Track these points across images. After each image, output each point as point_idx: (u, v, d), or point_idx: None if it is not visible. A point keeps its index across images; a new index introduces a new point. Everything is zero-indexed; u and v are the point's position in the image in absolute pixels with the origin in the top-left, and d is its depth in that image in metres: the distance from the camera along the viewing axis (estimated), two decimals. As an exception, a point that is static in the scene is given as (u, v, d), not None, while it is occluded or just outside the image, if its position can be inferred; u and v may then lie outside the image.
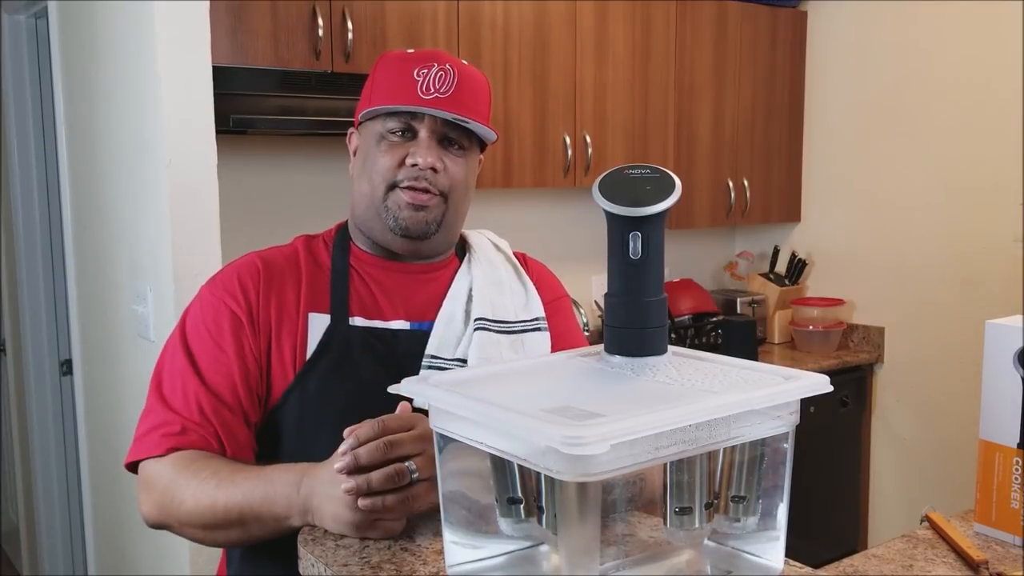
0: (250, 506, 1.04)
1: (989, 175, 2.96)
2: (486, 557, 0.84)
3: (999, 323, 1.00)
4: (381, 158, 1.23)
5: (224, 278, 1.25)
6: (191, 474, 1.10)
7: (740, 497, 0.81)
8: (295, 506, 1.01)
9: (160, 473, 1.13)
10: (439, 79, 1.20)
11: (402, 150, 1.22)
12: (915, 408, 3.24)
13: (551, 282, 1.41)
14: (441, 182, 1.23)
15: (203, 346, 1.20)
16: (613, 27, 2.90)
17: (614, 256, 0.82)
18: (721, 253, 3.80)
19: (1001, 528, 1.00)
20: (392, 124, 1.23)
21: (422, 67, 1.21)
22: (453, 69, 1.21)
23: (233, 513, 1.06)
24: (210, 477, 1.08)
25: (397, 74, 1.22)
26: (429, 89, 1.20)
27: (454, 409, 0.76)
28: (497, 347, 1.26)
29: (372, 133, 1.25)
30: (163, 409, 1.17)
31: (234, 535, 1.09)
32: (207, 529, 1.09)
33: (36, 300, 3.22)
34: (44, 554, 3.28)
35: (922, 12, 3.11)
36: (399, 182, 1.22)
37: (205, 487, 1.07)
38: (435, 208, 1.24)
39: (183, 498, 1.09)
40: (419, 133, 1.22)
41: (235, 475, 1.08)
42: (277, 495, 1.03)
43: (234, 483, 1.06)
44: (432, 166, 1.21)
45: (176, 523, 1.12)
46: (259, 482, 1.05)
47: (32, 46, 3.13)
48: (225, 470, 1.09)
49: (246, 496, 1.05)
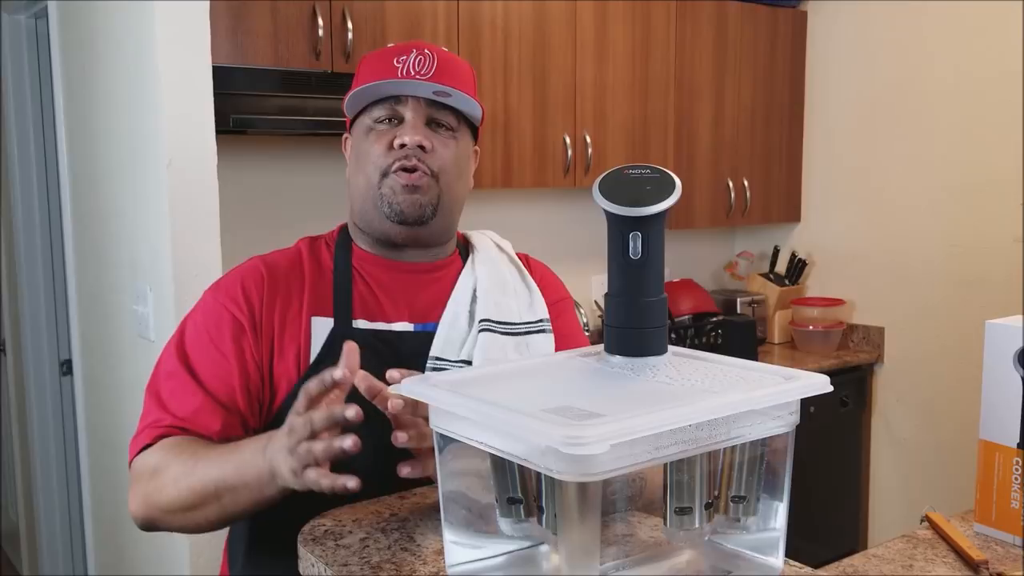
0: (224, 479, 1.04)
1: (989, 175, 2.96)
2: (486, 557, 0.84)
3: (999, 323, 1.00)
4: (371, 147, 1.24)
5: (228, 284, 1.25)
6: (173, 456, 1.10)
7: (740, 497, 0.81)
8: (263, 471, 1.00)
9: (146, 462, 1.13)
10: (418, 63, 1.22)
11: (390, 135, 1.23)
12: (915, 408, 3.24)
13: (554, 283, 1.41)
14: (431, 161, 1.23)
15: (203, 350, 1.20)
16: (613, 27, 2.90)
17: (614, 256, 0.82)
18: (721, 253, 3.80)
19: (1001, 528, 1.00)
20: (378, 113, 1.24)
21: (400, 55, 1.22)
22: (432, 53, 1.23)
23: (209, 489, 1.05)
24: (189, 457, 1.08)
25: (377, 65, 1.24)
26: (409, 72, 1.21)
27: (454, 409, 0.76)
28: (502, 349, 1.26)
29: (361, 128, 1.26)
30: (158, 409, 1.17)
31: (212, 512, 1.07)
32: (187, 511, 1.08)
33: (36, 300, 3.22)
34: (44, 554, 3.28)
35: (922, 12, 3.11)
36: (391, 166, 1.23)
37: (183, 467, 1.08)
38: (429, 190, 1.24)
39: (164, 481, 1.09)
40: (405, 116, 1.23)
41: (209, 452, 1.08)
42: (247, 463, 1.02)
43: (208, 459, 1.06)
44: (420, 144, 1.22)
45: (160, 512, 1.11)
46: (231, 455, 1.05)
47: (32, 46, 3.13)
48: (203, 449, 1.09)
49: (221, 469, 1.04)
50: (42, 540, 3.27)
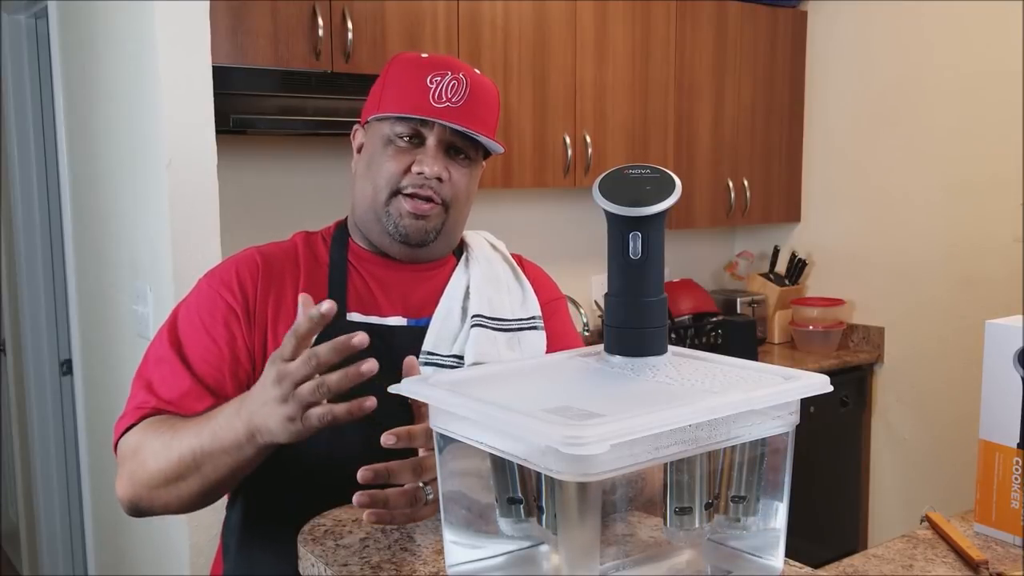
0: (201, 447, 1.04)
1: (989, 175, 2.96)
2: (486, 557, 0.84)
3: (999, 323, 1.00)
4: (387, 163, 1.23)
5: (222, 272, 1.25)
6: (153, 433, 1.10)
7: (740, 497, 0.81)
8: (240, 431, 1.00)
9: (128, 443, 1.13)
10: (451, 88, 1.21)
11: (408, 157, 1.23)
12: (915, 408, 3.24)
13: (548, 284, 1.42)
14: (445, 192, 1.24)
15: (194, 336, 1.20)
16: (613, 27, 2.90)
17: (614, 256, 0.82)
18: (721, 253, 3.80)
19: (1001, 528, 1.00)
20: (401, 129, 1.23)
21: (435, 74, 1.21)
22: (466, 79, 1.22)
23: (187, 459, 1.05)
24: (166, 430, 1.09)
25: (410, 79, 1.22)
26: (441, 97, 1.20)
27: (454, 409, 0.76)
28: (494, 344, 1.26)
29: (379, 135, 1.25)
30: (145, 392, 1.17)
31: (195, 483, 1.07)
32: (169, 484, 1.08)
33: (36, 300, 3.22)
34: (44, 554, 3.28)
35: (922, 12, 3.11)
36: (403, 188, 1.23)
37: (161, 440, 1.08)
38: (436, 217, 1.25)
39: (145, 457, 1.09)
40: (427, 140, 1.22)
41: (188, 423, 1.08)
42: (221, 427, 1.02)
43: (186, 429, 1.06)
44: (438, 176, 1.22)
45: (144, 489, 1.10)
46: (207, 422, 1.04)
47: (32, 46, 3.13)
48: (180, 422, 1.09)
49: (197, 437, 1.04)
50: (42, 540, 3.27)
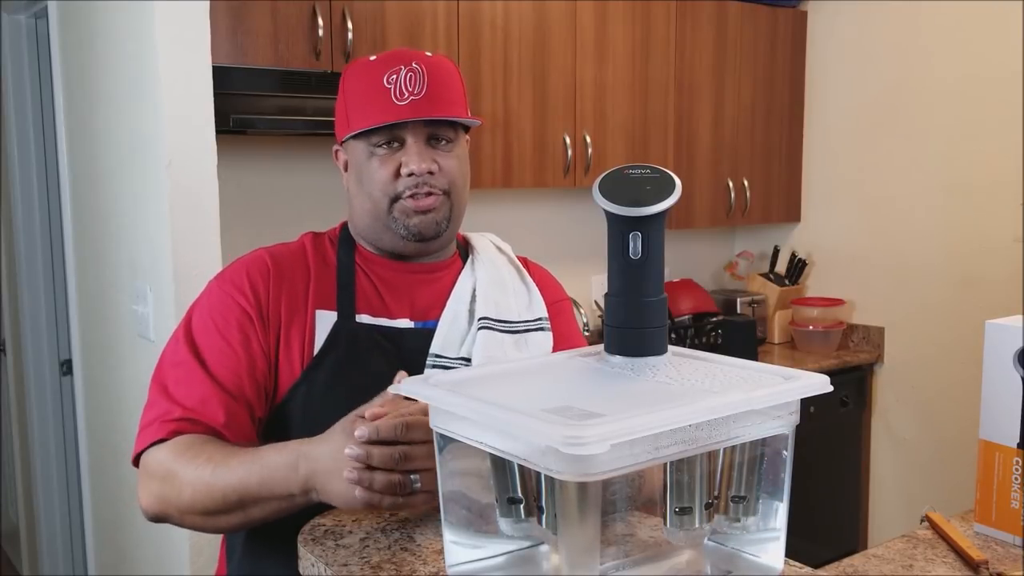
0: (247, 490, 1.04)
1: (989, 175, 2.96)
2: (486, 557, 0.84)
3: (999, 323, 1.00)
4: (376, 173, 1.23)
5: (233, 274, 1.25)
6: (187, 460, 1.09)
7: (740, 497, 0.81)
8: (295, 486, 1.02)
9: (159, 461, 1.12)
10: (410, 80, 1.20)
11: (394, 161, 1.22)
12: (915, 408, 3.24)
13: (553, 285, 1.42)
14: (440, 181, 1.23)
15: (209, 339, 1.20)
16: (613, 27, 2.90)
17: (614, 256, 0.82)
18: (721, 253, 3.80)
19: (1001, 528, 1.00)
20: (376, 139, 1.22)
21: (390, 72, 1.20)
22: (421, 67, 1.20)
23: (232, 499, 1.06)
24: (206, 463, 1.08)
25: (367, 86, 1.21)
26: (403, 94, 1.19)
27: (454, 409, 0.76)
28: (501, 346, 1.26)
29: (360, 151, 1.25)
30: (165, 400, 1.17)
31: (236, 519, 1.08)
32: (208, 515, 1.09)
33: (36, 300, 3.22)
34: (44, 554, 3.28)
35: (922, 12, 3.11)
36: (400, 193, 1.23)
37: (201, 473, 1.07)
38: (441, 207, 1.25)
39: (181, 486, 1.09)
40: (406, 140, 1.22)
41: (229, 459, 1.07)
42: (274, 479, 1.03)
43: (229, 467, 1.06)
44: (428, 170, 1.21)
45: (176, 512, 1.11)
46: (254, 466, 1.05)
47: (32, 46, 3.13)
48: (219, 454, 1.09)
49: (243, 480, 1.05)
50: (42, 540, 3.27)
